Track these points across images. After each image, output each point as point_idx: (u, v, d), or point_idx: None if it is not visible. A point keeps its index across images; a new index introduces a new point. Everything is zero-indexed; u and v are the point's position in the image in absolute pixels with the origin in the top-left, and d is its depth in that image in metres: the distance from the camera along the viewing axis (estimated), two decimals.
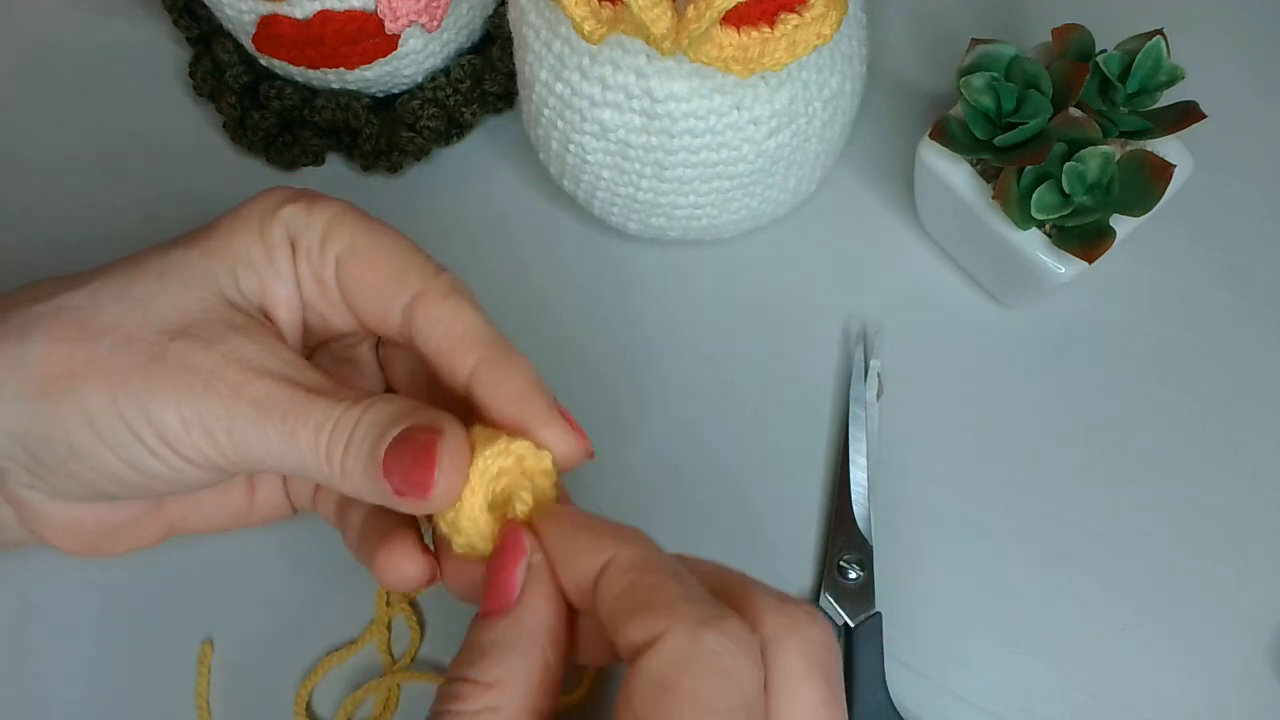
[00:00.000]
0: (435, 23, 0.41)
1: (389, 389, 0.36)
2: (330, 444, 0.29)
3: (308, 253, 0.31)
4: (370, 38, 0.41)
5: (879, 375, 0.42)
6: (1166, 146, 0.39)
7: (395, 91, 0.45)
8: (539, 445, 0.30)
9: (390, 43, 0.41)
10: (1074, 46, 0.39)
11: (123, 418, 0.29)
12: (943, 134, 0.39)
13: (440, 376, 0.31)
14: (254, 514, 0.35)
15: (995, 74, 0.38)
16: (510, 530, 0.28)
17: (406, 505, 0.28)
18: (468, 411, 0.31)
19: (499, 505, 0.29)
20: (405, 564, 0.30)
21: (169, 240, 0.32)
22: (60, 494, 0.31)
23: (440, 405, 0.33)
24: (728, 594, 0.27)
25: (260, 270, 0.31)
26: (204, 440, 0.29)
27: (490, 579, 0.28)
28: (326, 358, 0.36)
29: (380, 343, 0.36)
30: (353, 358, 0.36)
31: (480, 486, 0.29)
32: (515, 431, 0.30)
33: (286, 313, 0.32)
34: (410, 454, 0.28)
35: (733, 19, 0.32)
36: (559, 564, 0.28)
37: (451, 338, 0.30)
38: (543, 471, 0.30)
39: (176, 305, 0.30)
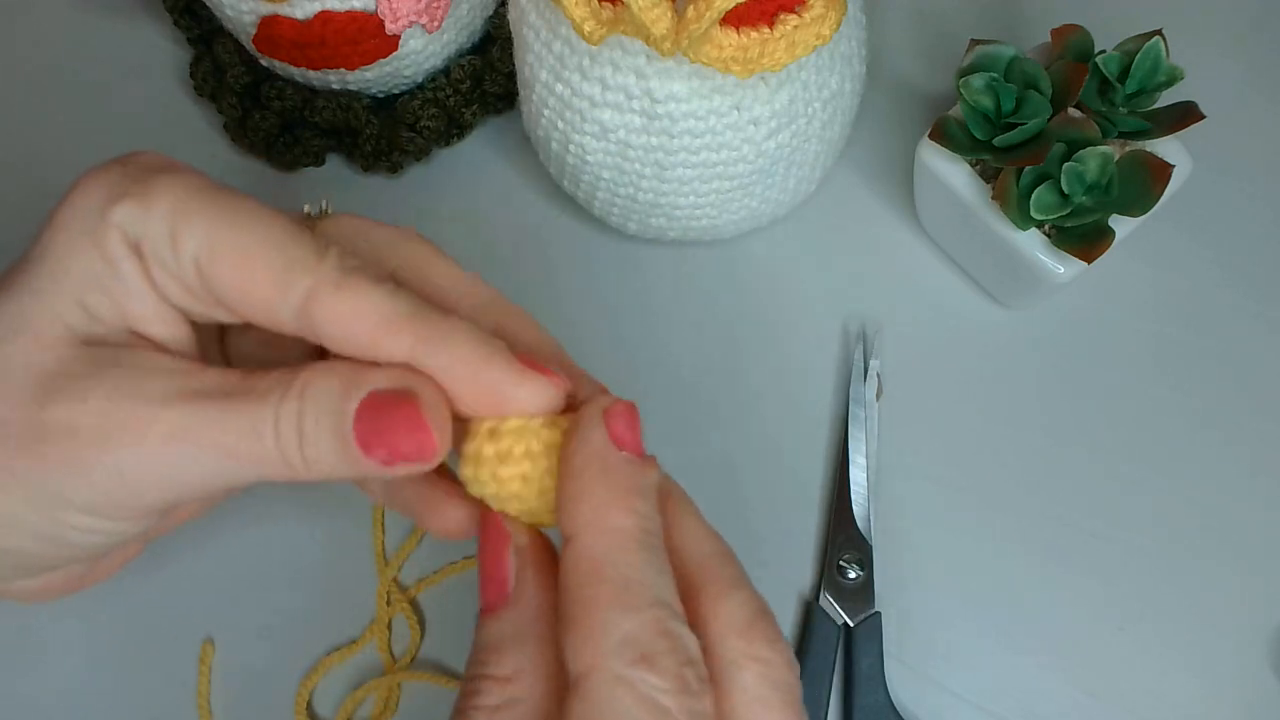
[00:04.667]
0: (435, 23, 0.41)
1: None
2: (281, 444, 0.25)
3: (160, 260, 0.26)
4: (371, 38, 0.41)
5: (879, 375, 0.42)
6: (1165, 147, 0.39)
7: (395, 92, 0.45)
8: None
9: (391, 43, 0.41)
10: (1073, 47, 0.39)
11: (35, 510, 0.26)
12: (942, 134, 0.39)
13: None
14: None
15: (994, 74, 0.38)
16: (486, 520, 0.27)
17: (403, 469, 0.25)
18: None
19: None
20: (462, 507, 0.29)
21: None
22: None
23: None
24: (699, 592, 0.25)
25: (109, 289, 0.26)
26: (131, 498, 0.26)
27: (483, 573, 0.27)
28: (252, 330, 0.29)
29: None
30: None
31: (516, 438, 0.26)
32: (487, 407, 0.27)
33: (160, 327, 0.27)
34: (387, 419, 0.25)
35: (732, 20, 0.32)
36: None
37: (365, 332, 0.25)
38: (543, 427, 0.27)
39: (27, 367, 0.26)
